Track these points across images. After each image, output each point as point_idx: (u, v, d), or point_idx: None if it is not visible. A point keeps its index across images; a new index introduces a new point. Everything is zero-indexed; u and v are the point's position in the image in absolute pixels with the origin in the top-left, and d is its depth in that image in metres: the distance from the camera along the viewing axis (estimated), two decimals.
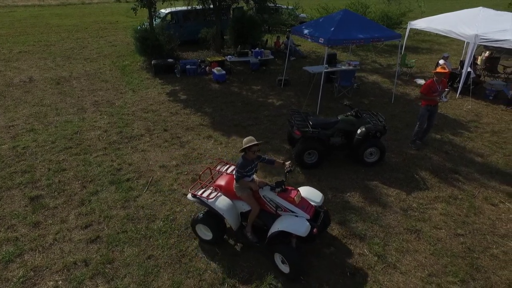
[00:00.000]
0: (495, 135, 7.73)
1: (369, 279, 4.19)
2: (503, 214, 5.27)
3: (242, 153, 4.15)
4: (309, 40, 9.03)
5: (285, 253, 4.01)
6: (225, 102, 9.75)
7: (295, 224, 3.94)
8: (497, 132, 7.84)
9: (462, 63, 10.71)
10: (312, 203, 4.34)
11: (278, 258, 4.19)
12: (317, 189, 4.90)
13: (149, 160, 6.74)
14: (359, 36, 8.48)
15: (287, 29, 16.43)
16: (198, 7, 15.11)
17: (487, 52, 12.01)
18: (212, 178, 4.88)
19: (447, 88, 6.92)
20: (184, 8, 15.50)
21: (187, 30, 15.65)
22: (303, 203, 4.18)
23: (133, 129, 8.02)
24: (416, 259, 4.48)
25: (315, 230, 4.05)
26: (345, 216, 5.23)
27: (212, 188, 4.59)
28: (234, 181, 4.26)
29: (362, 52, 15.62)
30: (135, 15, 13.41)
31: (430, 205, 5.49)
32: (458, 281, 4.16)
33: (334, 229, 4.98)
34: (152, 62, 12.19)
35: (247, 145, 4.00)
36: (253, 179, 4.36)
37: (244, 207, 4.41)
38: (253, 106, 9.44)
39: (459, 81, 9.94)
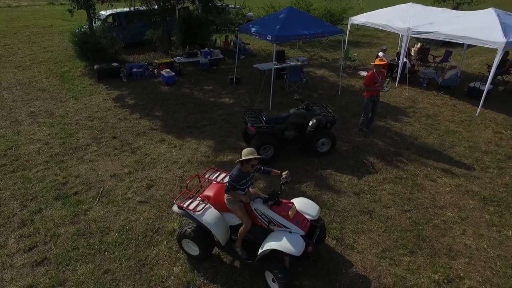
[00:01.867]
0: (430, 118, 8.46)
1: (329, 262, 4.37)
2: (441, 188, 5.80)
3: (238, 164, 3.77)
4: (257, 38, 9.16)
5: (276, 273, 3.67)
6: (176, 104, 9.53)
7: (289, 242, 3.61)
8: (431, 116, 8.59)
9: (398, 55, 11.55)
10: (308, 217, 4.04)
11: (268, 276, 3.90)
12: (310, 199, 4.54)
13: (99, 170, 6.38)
14: (304, 32, 8.77)
15: (235, 28, 16.50)
16: (141, 8, 14.57)
17: (419, 44, 13.09)
18: (201, 187, 4.55)
19: (387, 78, 7.43)
20: (127, 9, 14.85)
21: (131, 32, 15.01)
22: (298, 218, 3.87)
23: (77, 139, 7.52)
24: (370, 237, 4.77)
25: (310, 248, 3.75)
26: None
27: (200, 199, 4.21)
28: (225, 194, 3.92)
29: (309, 48, 16.18)
30: (72, 17, 12.57)
31: (379, 186, 5.87)
32: (408, 252, 4.50)
33: None
34: (95, 67, 11.53)
35: (246, 158, 3.63)
36: (246, 193, 4.00)
37: (234, 220, 4.08)
38: (206, 106, 9.34)
39: (397, 71, 10.73)
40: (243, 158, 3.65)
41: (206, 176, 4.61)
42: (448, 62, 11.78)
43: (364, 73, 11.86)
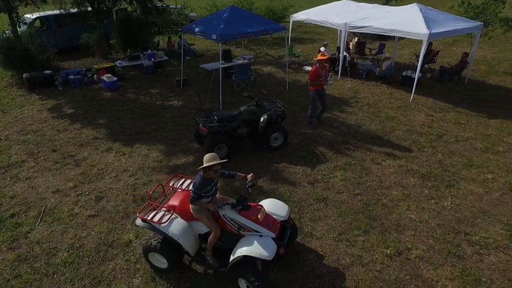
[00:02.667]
0: (371, 106, 9.07)
1: (291, 251, 4.48)
2: (385, 170, 6.26)
3: (201, 171, 3.65)
4: (202, 37, 9.05)
5: (250, 279, 3.58)
6: (121, 110, 9.06)
7: (260, 247, 3.55)
8: (372, 104, 9.22)
9: (338, 49, 12.19)
10: (278, 218, 3.99)
11: (242, 283, 3.79)
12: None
13: (38, 188, 5.84)
14: (248, 30, 8.85)
15: (178, 29, 16.11)
16: (73, 10, 13.57)
17: (356, 38, 13.95)
18: (166, 195, 4.32)
19: (330, 72, 7.80)
20: (56, 12, 13.73)
21: (64, 37, 13.96)
22: (268, 220, 3.81)
23: (10, 156, 6.82)
24: (327, 223, 4.99)
25: (281, 250, 3.70)
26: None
27: (164, 209, 3.99)
28: (190, 204, 3.78)
29: (254, 46, 16.38)
30: None
31: (331, 174, 6.16)
32: (361, 232, 4.80)
33: None
34: (24, 76, 10.52)
35: (208, 164, 3.51)
36: (211, 200, 3.88)
37: (203, 228, 3.94)
38: (154, 111, 9.02)
39: (338, 65, 11.32)
40: (205, 164, 3.53)
41: (170, 185, 4.40)
42: (383, 54, 12.71)
43: (308, 68, 12.32)
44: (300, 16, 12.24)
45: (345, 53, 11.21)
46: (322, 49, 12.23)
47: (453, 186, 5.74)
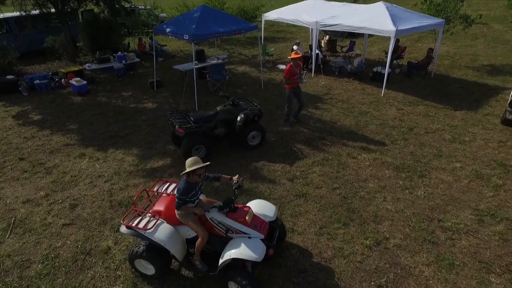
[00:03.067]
0: (345, 102, 9.30)
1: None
2: (361, 163, 6.44)
3: (184, 176, 3.57)
4: (174, 38, 8.91)
5: (241, 282, 3.51)
6: (93, 114, 8.76)
7: (249, 248, 3.50)
8: (346, 100, 9.45)
9: (311, 47, 12.39)
10: (265, 219, 3.95)
11: (233, 287, 3.71)
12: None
13: (6, 199, 5.54)
14: (221, 30, 8.81)
15: (149, 30, 15.77)
16: (35, 12, 12.94)
17: (327, 36, 14.24)
18: (151, 201, 4.21)
19: (304, 70, 7.90)
20: (17, 13, 13.04)
21: (27, 40, 13.30)
22: (256, 221, 3.77)
23: None
24: (308, 218, 5.07)
25: (271, 251, 3.71)
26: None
27: (149, 215, 3.90)
28: (175, 209, 3.70)
29: (228, 46, 16.34)
30: None
31: (310, 170, 6.26)
32: (341, 225, 4.91)
33: None
34: None
35: (191, 169, 3.42)
36: (197, 203, 3.81)
37: (190, 232, 3.85)
38: (128, 114, 8.78)
39: (311, 63, 11.51)
40: (188, 169, 3.44)
41: (155, 189, 4.29)
42: (353, 51, 13.05)
43: (282, 67, 12.44)
44: (272, 15, 12.33)
45: (317, 51, 11.41)
46: (295, 47, 12.39)
47: (425, 176, 5.99)
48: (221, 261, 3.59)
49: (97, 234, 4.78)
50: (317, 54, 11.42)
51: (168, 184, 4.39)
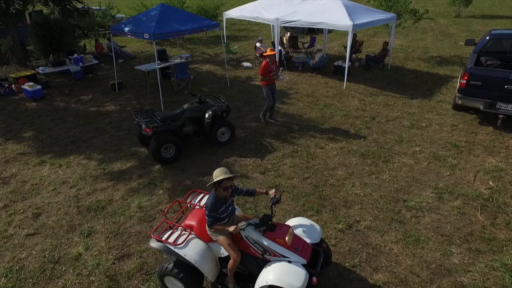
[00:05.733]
0: (309, 96, 9.56)
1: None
2: (329, 153, 6.67)
3: (213, 189, 3.28)
4: (133, 37, 8.65)
5: None
6: (52, 120, 8.27)
7: (289, 275, 3.10)
8: (310, 94, 9.72)
9: (273, 44, 12.57)
10: (308, 241, 3.51)
11: None
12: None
13: None
14: (182, 28, 8.68)
15: (106, 31, 15.17)
16: None
17: (289, 33, 14.52)
18: (183, 213, 3.94)
19: (280, 67, 7.89)
20: None
21: None
22: (297, 243, 3.33)
23: None
24: (282, 208, 5.17)
25: (314, 280, 3.20)
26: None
27: (181, 228, 3.59)
28: (206, 226, 3.39)
29: (190, 45, 16.12)
30: None
31: (281, 162, 6.38)
32: (314, 212, 5.06)
33: None
34: None
35: (216, 180, 3.12)
36: (229, 220, 3.48)
37: (223, 251, 3.49)
38: (90, 117, 8.40)
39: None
40: (214, 180, 3.16)
41: (188, 201, 4.03)
42: (314, 47, 13.43)
43: (247, 64, 12.52)
44: (233, 13, 12.36)
45: (280, 48, 11.61)
46: (258, 44, 12.54)
47: (389, 161, 6.34)
48: (256, 286, 3.23)
49: (65, 241, 4.54)
50: (280, 51, 11.61)
51: (201, 195, 4.11)
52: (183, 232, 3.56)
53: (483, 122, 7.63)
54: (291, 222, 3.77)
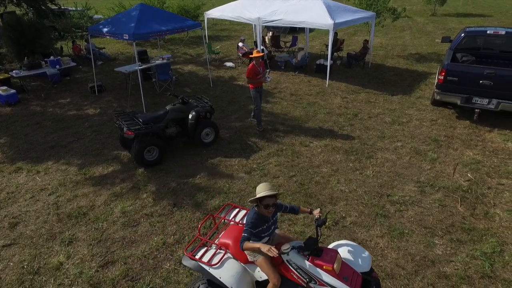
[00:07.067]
0: (293, 95, 9.60)
1: None
2: (314, 151, 6.72)
3: (255, 204, 3.01)
4: (112, 38, 8.46)
5: None
6: (28, 125, 7.97)
7: None
8: (294, 93, 9.76)
9: (256, 43, 12.56)
10: (357, 269, 3.12)
11: None
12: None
13: None
14: (163, 28, 8.55)
15: (83, 33, 14.77)
16: None
17: (270, 32, 14.54)
18: (217, 229, 3.70)
19: (268, 69, 7.73)
20: None
21: None
22: (346, 272, 2.96)
23: None
24: None
25: None
26: (200, 197, 5.40)
27: (216, 246, 3.31)
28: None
29: (172, 46, 15.91)
30: None
31: (266, 161, 6.37)
32: None
33: (196, 213, 5.07)
34: None
35: (259, 196, 2.89)
36: (270, 238, 3.20)
37: (262, 274, 3.15)
38: (69, 122, 8.15)
39: None
40: (257, 196, 2.91)
41: (222, 216, 3.76)
42: (296, 46, 13.51)
43: (230, 64, 12.46)
44: (214, 13, 12.28)
45: (262, 47, 11.60)
46: (240, 44, 12.49)
47: (372, 157, 6.43)
48: None
49: (45, 251, 4.37)
50: (262, 50, 11.60)
51: (237, 210, 3.81)
52: (218, 250, 3.28)
53: (461, 117, 7.86)
54: (336, 245, 3.37)
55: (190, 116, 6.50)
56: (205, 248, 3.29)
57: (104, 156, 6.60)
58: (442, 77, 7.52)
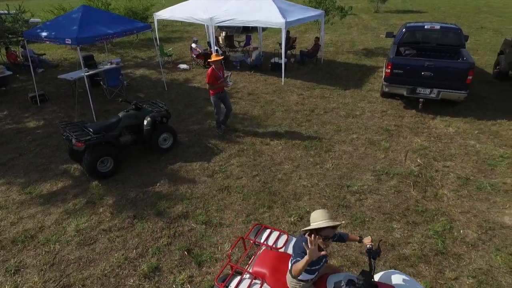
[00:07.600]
0: (251, 94, 9.60)
1: (204, 246, 4.41)
2: (275, 148, 6.77)
3: (303, 233, 2.66)
4: (53, 43, 7.83)
5: None
6: None
7: None
8: (251, 92, 9.77)
9: (209, 44, 12.39)
10: None
11: None
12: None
13: None
14: (109, 31, 8.08)
15: (19, 38, 13.54)
16: None
17: (224, 32, 14.44)
18: (248, 253, 3.29)
19: (229, 72, 7.52)
20: None
21: None
22: None
23: None
24: (233, 209, 5.10)
25: None
26: (162, 206, 5.18)
27: (251, 276, 2.97)
28: (288, 274, 2.75)
29: (121, 50, 15.18)
30: None
31: (228, 163, 6.29)
32: (266, 209, 5.08)
33: (158, 222, 4.86)
34: None
35: (317, 227, 2.46)
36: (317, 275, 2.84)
37: None
38: (7, 136, 7.42)
39: None
40: (312, 226, 2.50)
41: (253, 238, 3.42)
42: (250, 45, 13.54)
43: (184, 66, 12.16)
44: (165, 14, 11.90)
45: (216, 47, 11.47)
46: (193, 45, 12.25)
47: (330, 150, 6.62)
48: None
49: None
50: (217, 50, 11.48)
51: (268, 231, 3.44)
52: (254, 281, 2.96)
53: (407, 107, 8.39)
54: (388, 278, 2.92)
55: (145, 122, 6.22)
56: (239, 278, 3.00)
57: (52, 172, 6.09)
58: (389, 70, 7.96)
